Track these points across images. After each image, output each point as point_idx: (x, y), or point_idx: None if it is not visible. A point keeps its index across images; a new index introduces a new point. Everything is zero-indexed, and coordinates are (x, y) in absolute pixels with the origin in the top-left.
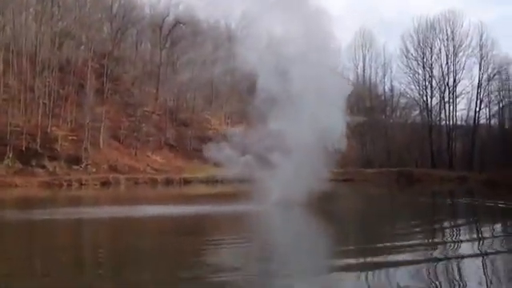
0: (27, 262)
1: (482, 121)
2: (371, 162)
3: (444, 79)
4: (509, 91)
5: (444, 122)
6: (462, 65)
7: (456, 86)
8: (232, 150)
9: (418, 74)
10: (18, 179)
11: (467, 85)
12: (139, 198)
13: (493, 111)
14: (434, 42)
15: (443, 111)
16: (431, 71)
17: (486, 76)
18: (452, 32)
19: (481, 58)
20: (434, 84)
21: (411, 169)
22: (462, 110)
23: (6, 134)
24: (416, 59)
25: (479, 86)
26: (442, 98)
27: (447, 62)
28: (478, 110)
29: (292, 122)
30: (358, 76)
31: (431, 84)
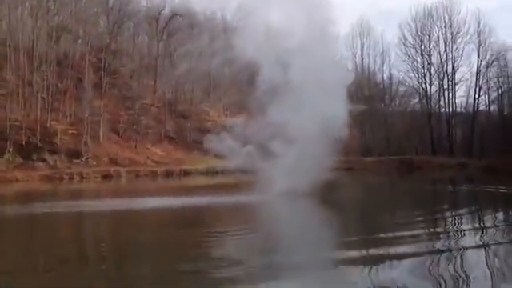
0: (28, 257)
1: (482, 107)
2: (371, 151)
3: (443, 66)
4: (507, 77)
5: (443, 110)
6: (461, 52)
7: (455, 73)
8: (233, 140)
9: (417, 61)
10: (18, 173)
11: (466, 72)
12: (140, 191)
13: (492, 98)
14: (431, 29)
15: (442, 98)
16: (430, 59)
17: (484, 63)
18: (450, 19)
19: (479, 45)
20: (433, 71)
21: (411, 156)
22: (461, 97)
23: (6, 128)
24: (414, 47)
25: (478, 72)
26: (441, 85)
27: (445, 50)
28: (477, 96)
29: (293, 111)
30: (356, 65)
31: (430, 71)
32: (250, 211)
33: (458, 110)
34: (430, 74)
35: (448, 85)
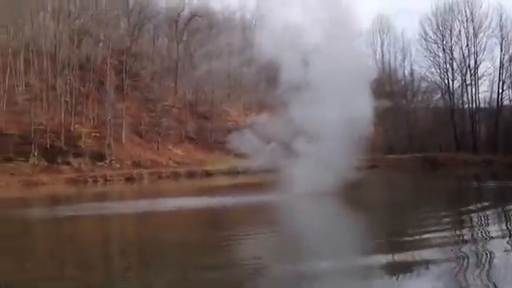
0: (54, 262)
1: (506, 102)
2: (393, 148)
3: (465, 61)
4: None
5: (467, 105)
6: (483, 46)
7: (477, 68)
8: (256, 139)
9: (439, 56)
10: (44, 177)
11: (489, 66)
12: (163, 192)
13: None
14: (453, 24)
15: (465, 94)
16: (451, 54)
17: (507, 57)
18: (471, 13)
19: (501, 39)
20: (455, 66)
21: (435, 153)
22: (484, 92)
23: (30, 132)
24: (436, 42)
25: (501, 67)
26: (464, 80)
27: (467, 44)
28: (500, 91)
29: (316, 108)
30: (376, 62)
31: (452, 67)
32: (273, 212)
33: (482, 105)
34: (453, 69)
35: (471, 80)
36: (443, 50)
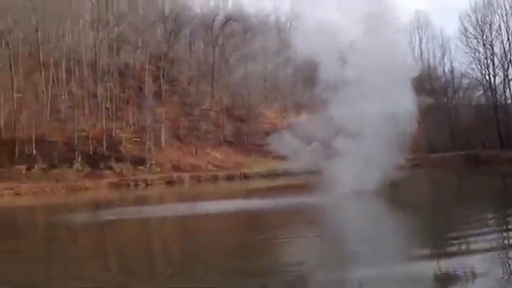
0: (99, 265)
1: None
2: (435, 146)
3: (506, 56)
4: None
5: (510, 101)
6: None
7: None
8: (296, 139)
9: (479, 52)
10: (88, 182)
11: None
12: (203, 195)
13: None
14: (492, 18)
15: (508, 90)
16: (492, 49)
17: None
18: (511, 7)
19: None
20: (496, 62)
21: (478, 151)
22: None
23: (74, 139)
24: (476, 37)
25: None
26: (506, 75)
27: (508, 39)
28: None
29: (357, 106)
30: (415, 59)
31: (493, 62)
32: (316, 213)
33: None
34: (494, 65)
35: None
36: (483, 45)
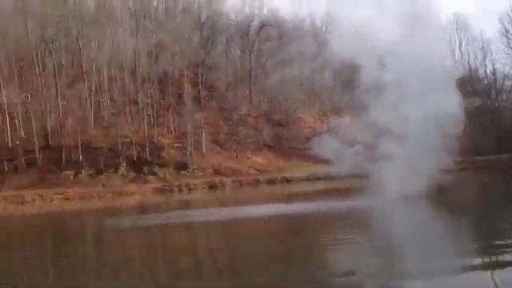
0: (146, 268)
1: None
2: (480, 149)
3: None
4: None
5: None
6: None
7: None
8: (338, 143)
9: None
10: (132, 187)
11: None
12: (245, 199)
13: None
14: None
15: None
16: None
17: None
18: None
19: None
20: None
21: None
22: None
23: (118, 145)
24: None
25: None
26: None
27: None
28: None
29: (401, 108)
30: (455, 61)
31: None
32: (363, 218)
33: None
34: None
35: None
36: None
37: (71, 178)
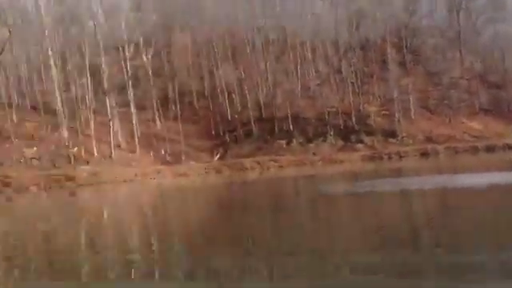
0: (356, 236)
1: None
2: None
3: None
4: None
5: None
6: None
7: None
8: None
9: None
10: (341, 155)
11: None
12: (461, 167)
13: None
14: None
15: None
16: None
17: None
18: None
19: None
20: None
21: None
22: None
23: (324, 115)
24: None
25: None
26: None
27: None
28: None
29: None
30: None
31: None
32: None
33: None
34: None
35: None
36: None
37: (284, 146)
